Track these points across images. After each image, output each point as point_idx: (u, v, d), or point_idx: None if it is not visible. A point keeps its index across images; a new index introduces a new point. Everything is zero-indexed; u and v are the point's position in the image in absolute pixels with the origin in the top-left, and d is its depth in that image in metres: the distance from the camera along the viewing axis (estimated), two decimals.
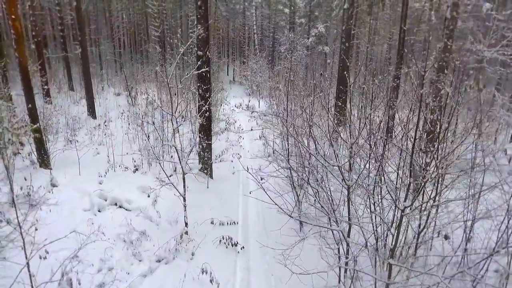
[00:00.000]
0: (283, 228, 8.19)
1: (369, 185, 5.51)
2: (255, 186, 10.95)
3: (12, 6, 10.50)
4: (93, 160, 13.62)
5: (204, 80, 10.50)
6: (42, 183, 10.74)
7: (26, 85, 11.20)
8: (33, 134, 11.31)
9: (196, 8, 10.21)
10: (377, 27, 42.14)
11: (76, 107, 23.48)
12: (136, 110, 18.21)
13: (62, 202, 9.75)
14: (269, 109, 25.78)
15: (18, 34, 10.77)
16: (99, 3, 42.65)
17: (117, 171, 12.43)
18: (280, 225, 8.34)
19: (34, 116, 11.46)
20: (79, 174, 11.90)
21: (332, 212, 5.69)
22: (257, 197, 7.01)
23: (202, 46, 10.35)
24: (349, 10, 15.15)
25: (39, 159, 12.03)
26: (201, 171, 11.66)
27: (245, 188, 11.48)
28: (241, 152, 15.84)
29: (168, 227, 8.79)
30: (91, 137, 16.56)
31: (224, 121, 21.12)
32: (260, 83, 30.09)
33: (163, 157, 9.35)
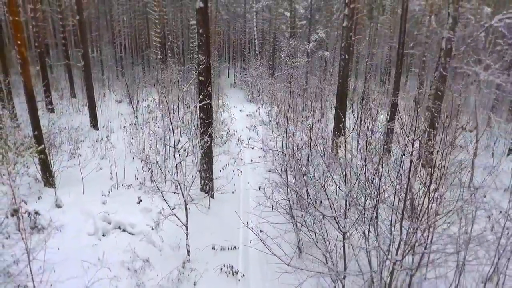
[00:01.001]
0: (282, 254, 8.46)
1: (363, 233, 5.76)
2: (255, 205, 11.24)
3: (18, 32, 10.73)
4: (96, 176, 13.86)
5: (206, 113, 10.76)
6: (47, 205, 10.99)
7: (32, 108, 11.44)
8: (37, 156, 11.54)
9: (197, 36, 10.43)
10: (378, 33, 42.34)
11: (79, 116, 23.71)
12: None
13: (67, 225, 10.01)
14: (269, 116, 26.13)
15: (23, 59, 11.01)
16: (101, 7, 42.85)
17: (120, 189, 12.68)
18: (279, 250, 8.63)
19: (39, 137, 11.70)
20: (82, 194, 12.16)
21: (329, 255, 5.95)
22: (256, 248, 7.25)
23: (204, 73, 10.58)
24: (348, 25, 15.35)
25: (43, 178, 12.30)
26: (202, 191, 11.92)
27: (246, 206, 11.73)
28: (241, 166, 16.09)
29: (171, 253, 9.04)
30: (94, 150, 16.81)
31: (225, 131, 21.35)
32: (261, 90, 30.29)
33: (165, 186, 9.52)
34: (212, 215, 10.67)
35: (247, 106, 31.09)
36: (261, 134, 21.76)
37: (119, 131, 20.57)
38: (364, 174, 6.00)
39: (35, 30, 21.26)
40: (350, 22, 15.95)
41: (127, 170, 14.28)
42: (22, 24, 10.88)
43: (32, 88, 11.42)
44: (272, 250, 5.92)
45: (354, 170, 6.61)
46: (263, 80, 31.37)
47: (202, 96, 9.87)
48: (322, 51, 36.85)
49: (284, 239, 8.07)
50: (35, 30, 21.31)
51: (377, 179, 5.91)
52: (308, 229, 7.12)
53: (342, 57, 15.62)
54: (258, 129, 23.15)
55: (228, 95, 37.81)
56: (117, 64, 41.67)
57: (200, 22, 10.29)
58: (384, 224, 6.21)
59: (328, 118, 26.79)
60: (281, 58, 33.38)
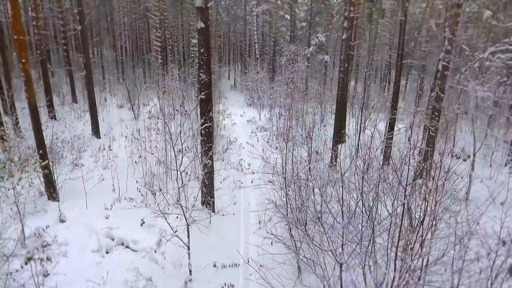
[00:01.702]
0: (281, 271, 8.67)
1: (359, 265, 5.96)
2: (256, 221, 11.44)
3: (22, 50, 10.92)
4: (99, 188, 14.04)
5: (207, 136, 10.96)
6: (51, 220, 11.22)
7: (36, 123, 11.64)
8: (42, 171, 11.74)
9: (198, 55, 10.61)
10: (378, 35, 42.43)
11: (80, 122, 23.91)
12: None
13: (71, 242, 10.23)
14: (269, 122, 26.29)
15: (27, 76, 11.20)
16: (101, 8, 42.98)
17: (123, 203, 12.88)
18: (279, 267, 8.85)
19: (43, 152, 11.89)
20: (86, 207, 12.36)
21: (327, 283, 6.14)
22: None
23: (205, 91, 10.76)
24: (347, 37, 15.51)
25: (47, 191, 12.50)
26: (203, 205, 12.12)
27: (246, 222, 11.91)
28: (241, 176, 16.27)
29: (173, 271, 9.25)
30: (96, 160, 17.00)
31: (225, 138, 21.53)
32: (261, 95, 30.46)
33: (168, 208, 9.70)
34: (213, 230, 10.87)
35: (248, 110, 31.23)
36: (261, 141, 21.96)
37: (121, 138, 20.76)
38: (360, 208, 6.19)
39: (37, 38, 21.42)
40: (349, 33, 16.14)
41: (129, 182, 14.49)
42: (27, 42, 11.07)
43: (36, 104, 11.60)
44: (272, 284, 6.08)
45: (351, 196, 6.81)
46: (264, 85, 31.54)
47: (204, 120, 10.06)
48: (322, 55, 36.99)
49: (284, 269, 8.26)
50: (37, 38, 21.47)
51: (374, 211, 6.10)
52: (306, 258, 7.31)
53: (342, 68, 15.78)
54: (258, 136, 23.30)
55: (229, 98, 37.94)
56: (118, 66, 41.86)
57: (201, 42, 10.47)
58: (380, 252, 6.40)
59: (328, 123, 27.01)
60: (282, 62, 33.50)
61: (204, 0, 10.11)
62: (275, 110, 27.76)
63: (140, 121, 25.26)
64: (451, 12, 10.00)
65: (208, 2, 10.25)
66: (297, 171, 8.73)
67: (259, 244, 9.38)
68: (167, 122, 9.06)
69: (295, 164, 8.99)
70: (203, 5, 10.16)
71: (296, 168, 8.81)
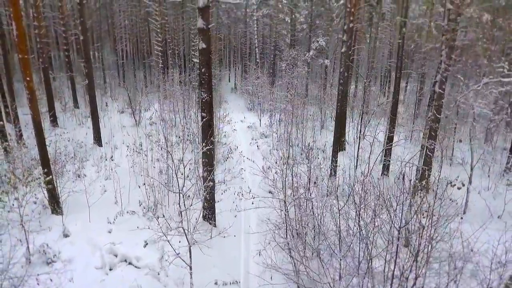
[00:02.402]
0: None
1: None
2: (256, 241, 11.60)
3: (27, 69, 11.12)
4: (101, 200, 14.23)
5: (209, 158, 11.17)
6: (55, 234, 11.44)
7: (40, 140, 11.84)
8: (46, 186, 11.95)
9: (200, 74, 10.80)
10: (378, 37, 42.55)
11: (82, 129, 24.11)
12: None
13: (75, 258, 10.44)
14: (269, 129, 26.47)
15: (31, 93, 11.40)
16: (102, 10, 43.13)
17: (125, 216, 13.09)
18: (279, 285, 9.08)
19: (47, 168, 12.09)
20: (89, 221, 12.57)
21: None
22: None
23: (206, 109, 10.96)
24: (347, 51, 15.69)
25: (50, 205, 12.71)
26: (204, 219, 12.32)
27: (246, 237, 12.12)
28: (242, 184, 16.47)
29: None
30: (98, 170, 17.19)
31: (226, 145, 21.72)
32: (262, 100, 30.65)
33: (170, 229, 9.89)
34: (214, 246, 11.06)
35: (248, 115, 31.39)
36: (262, 149, 22.15)
37: (122, 146, 20.95)
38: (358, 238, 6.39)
39: (39, 47, 21.61)
40: (349, 45, 16.32)
41: (131, 193, 14.69)
42: (30, 61, 11.26)
43: (40, 120, 11.81)
44: None
45: (348, 227, 7.01)
46: (264, 90, 31.70)
47: (205, 143, 10.26)
48: (323, 59, 37.16)
49: None
50: (39, 47, 21.66)
51: (370, 242, 6.29)
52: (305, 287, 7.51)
53: (341, 81, 15.96)
54: (258, 143, 23.47)
55: (229, 101, 38.09)
56: (119, 70, 42.04)
57: (203, 62, 10.66)
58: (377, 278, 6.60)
59: (328, 129, 27.16)
60: (282, 67, 33.70)
61: (205, 22, 10.30)
62: (275, 115, 27.95)
63: (141, 127, 25.46)
64: (446, 36, 10.19)
65: (210, 24, 10.43)
66: (297, 192, 8.93)
67: (259, 273, 9.55)
68: (170, 151, 9.24)
69: (295, 188, 9.18)
70: (205, 26, 10.35)
71: (296, 190, 9.00)
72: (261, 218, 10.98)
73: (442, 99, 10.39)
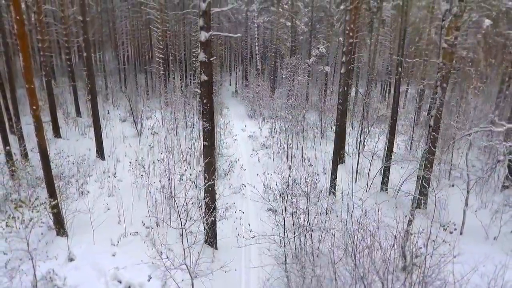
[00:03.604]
0: None
1: None
2: (257, 275, 11.87)
3: (33, 98, 11.40)
4: (105, 219, 14.52)
5: (210, 194, 11.46)
6: (60, 259, 11.76)
7: (45, 167, 12.13)
8: (51, 211, 12.26)
9: (202, 104, 11.07)
10: (378, 41, 42.74)
11: (84, 140, 24.38)
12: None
13: (80, 285, 10.76)
14: (269, 139, 26.71)
15: (38, 122, 11.69)
16: (104, 14, 43.29)
17: (128, 237, 13.37)
18: None
19: (52, 192, 12.40)
20: (93, 243, 12.88)
21: None
22: None
23: (208, 138, 11.25)
24: (346, 72, 15.93)
25: (56, 227, 13.02)
26: (206, 243, 12.62)
27: (247, 270, 12.38)
28: (243, 202, 16.76)
29: None
30: (101, 186, 17.50)
31: (227, 157, 21.98)
32: (262, 110, 30.94)
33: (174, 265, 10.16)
34: (216, 272, 11.36)
35: (249, 123, 31.65)
36: (262, 161, 22.42)
37: (125, 159, 21.25)
38: None
39: (42, 60, 21.87)
40: (347, 66, 16.57)
41: (134, 211, 14.98)
42: (36, 90, 11.55)
43: (45, 147, 12.09)
44: None
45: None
46: (265, 98, 31.98)
47: (207, 180, 10.55)
48: (323, 66, 37.39)
49: None
50: (42, 60, 21.91)
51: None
52: None
53: (340, 100, 16.21)
54: (259, 154, 23.73)
55: (230, 107, 38.34)
56: (120, 75, 42.32)
57: (204, 93, 10.94)
58: None
59: (328, 139, 27.40)
60: (283, 74, 33.98)
61: (207, 56, 10.56)
62: (276, 124, 28.19)
63: (143, 136, 25.73)
64: (442, 73, 10.46)
65: (212, 57, 10.69)
66: (297, 228, 9.21)
67: None
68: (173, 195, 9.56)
69: (295, 223, 9.45)
70: (207, 59, 10.61)
71: (297, 225, 9.28)
72: (261, 250, 11.25)
73: (437, 133, 10.67)
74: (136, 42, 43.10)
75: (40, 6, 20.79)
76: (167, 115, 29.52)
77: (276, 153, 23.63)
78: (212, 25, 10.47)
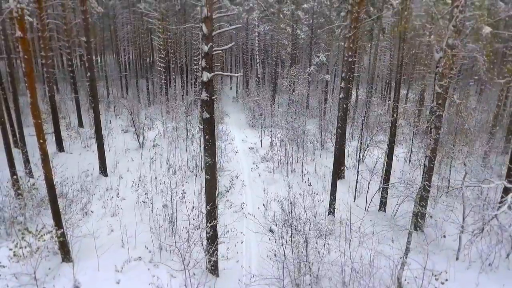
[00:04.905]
0: None
1: None
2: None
3: (40, 132, 11.73)
4: (109, 241, 14.88)
5: (213, 230, 11.81)
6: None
7: (52, 198, 12.48)
8: (57, 239, 12.61)
9: (204, 141, 11.39)
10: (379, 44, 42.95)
11: (87, 153, 24.72)
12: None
13: None
14: (270, 150, 26.97)
15: (45, 155, 12.03)
16: (105, 18, 43.55)
17: (132, 263, 13.71)
18: None
19: (58, 221, 12.75)
20: (98, 269, 13.23)
21: None
22: None
23: (210, 172, 11.58)
24: (344, 97, 16.23)
25: (61, 254, 13.36)
26: (206, 269, 12.98)
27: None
28: (243, 223, 17.08)
29: None
30: (105, 205, 17.83)
31: (228, 171, 22.30)
32: (263, 119, 31.26)
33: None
34: None
35: (249, 133, 31.90)
36: (263, 176, 22.73)
37: (127, 174, 21.61)
38: None
39: (47, 76, 22.19)
40: (347, 88, 16.87)
41: (138, 233, 15.29)
42: (42, 124, 11.89)
43: (52, 178, 12.43)
44: None
45: None
46: (265, 108, 32.30)
47: (209, 223, 10.90)
48: (323, 74, 37.67)
49: None
50: (46, 76, 22.23)
51: None
52: None
53: (339, 124, 16.51)
54: (260, 168, 24.03)
55: (230, 114, 38.60)
56: (122, 80, 42.62)
57: (207, 131, 11.27)
58: None
59: (328, 151, 27.68)
60: (283, 84, 34.30)
61: (209, 95, 10.88)
62: (276, 136, 28.43)
63: (145, 149, 26.06)
64: (435, 115, 10.76)
65: (213, 95, 11.02)
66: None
67: None
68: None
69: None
70: (208, 98, 10.93)
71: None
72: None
73: (432, 171, 11.01)
74: (138, 48, 43.37)
75: (44, 24, 21.07)
76: (168, 125, 29.89)
77: (276, 168, 23.90)
78: (213, 26, 10.70)
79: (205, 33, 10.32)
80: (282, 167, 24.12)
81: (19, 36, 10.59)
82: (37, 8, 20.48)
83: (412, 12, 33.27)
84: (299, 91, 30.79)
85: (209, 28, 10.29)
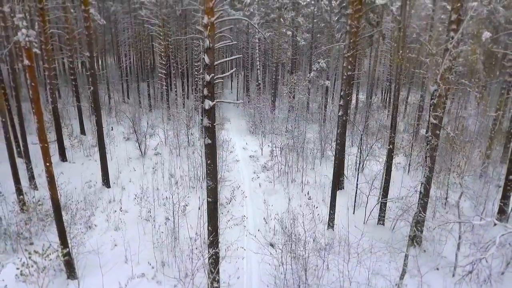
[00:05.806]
0: None
1: None
2: None
3: (47, 156, 12.03)
4: (112, 257, 15.21)
5: (214, 258, 12.14)
6: None
7: (58, 218, 12.79)
8: (63, 258, 12.94)
9: (206, 165, 11.70)
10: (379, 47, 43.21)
11: (90, 162, 25.00)
12: None
13: None
14: (270, 159, 27.24)
15: (50, 177, 12.33)
16: (107, 23, 43.76)
17: (136, 280, 14.04)
18: None
19: (63, 240, 13.07)
20: (102, 287, 13.57)
21: None
22: None
23: (212, 195, 11.90)
24: (343, 114, 16.52)
25: (67, 271, 13.70)
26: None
27: None
28: (244, 237, 17.38)
29: None
30: (108, 218, 18.12)
31: (229, 182, 22.59)
32: (263, 129, 31.55)
33: None
34: None
35: (250, 140, 32.16)
36: (263, 186, 23.03)
37: (130, 185, 21.92)
38: None
39: (50, 87, 22.47)
40: (345, 107, 17.18)
41: (141, 249, 15.60)
42: (49, 149, 12.20)
43: (58, 199, 12.75)
44: None
45: None
46: (265, 115, 32.58)
47: (212, 249, 11.22)
48: (323, 80, 37.93)
49: None
50: (49, 87, 22.51)
51: None
52: None
53: (338, 141, 16.81)
54: (260, 177, 24.34)
55: (231, 119, 38.86)
56: (123, 85, 42.87)
57: (209, 155, 11.58)
58: None
59: (328, 159, 27.94)
60: (284, 91, 34.58)
61: (211, 121, 11.18)
62: (276, 144, 28.68)
63: (147, 158, 26.36)
64: (430, 145, 11.10)
65: (215, 122, 11.31)
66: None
67: None
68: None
69: None
70: (210, 124, 11.23)
71: None
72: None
73: (428, 196, 11.30)
74: (139, 53, 43.62)
75: (47, 37, 21.35)
76: (169, 132, 30.18)
77: (276, 178, 24.19)
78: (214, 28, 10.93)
79: (207, 63, 10.60)
80: (282, 176, 24.41)
81: (27, 65, 10.88)
82: (40, 21, 20.72)
83: (411, 16, 33.57)
84: (299, 98, 31.04)
85: (211, 59, 10.58)
